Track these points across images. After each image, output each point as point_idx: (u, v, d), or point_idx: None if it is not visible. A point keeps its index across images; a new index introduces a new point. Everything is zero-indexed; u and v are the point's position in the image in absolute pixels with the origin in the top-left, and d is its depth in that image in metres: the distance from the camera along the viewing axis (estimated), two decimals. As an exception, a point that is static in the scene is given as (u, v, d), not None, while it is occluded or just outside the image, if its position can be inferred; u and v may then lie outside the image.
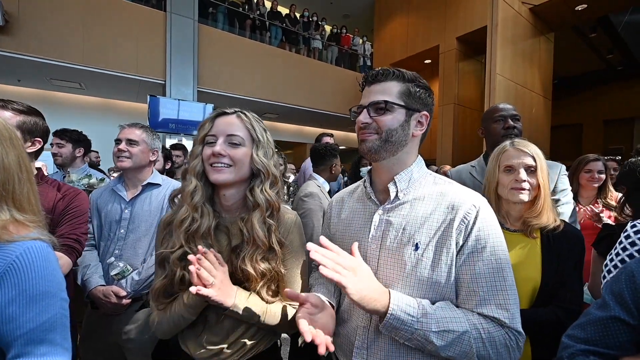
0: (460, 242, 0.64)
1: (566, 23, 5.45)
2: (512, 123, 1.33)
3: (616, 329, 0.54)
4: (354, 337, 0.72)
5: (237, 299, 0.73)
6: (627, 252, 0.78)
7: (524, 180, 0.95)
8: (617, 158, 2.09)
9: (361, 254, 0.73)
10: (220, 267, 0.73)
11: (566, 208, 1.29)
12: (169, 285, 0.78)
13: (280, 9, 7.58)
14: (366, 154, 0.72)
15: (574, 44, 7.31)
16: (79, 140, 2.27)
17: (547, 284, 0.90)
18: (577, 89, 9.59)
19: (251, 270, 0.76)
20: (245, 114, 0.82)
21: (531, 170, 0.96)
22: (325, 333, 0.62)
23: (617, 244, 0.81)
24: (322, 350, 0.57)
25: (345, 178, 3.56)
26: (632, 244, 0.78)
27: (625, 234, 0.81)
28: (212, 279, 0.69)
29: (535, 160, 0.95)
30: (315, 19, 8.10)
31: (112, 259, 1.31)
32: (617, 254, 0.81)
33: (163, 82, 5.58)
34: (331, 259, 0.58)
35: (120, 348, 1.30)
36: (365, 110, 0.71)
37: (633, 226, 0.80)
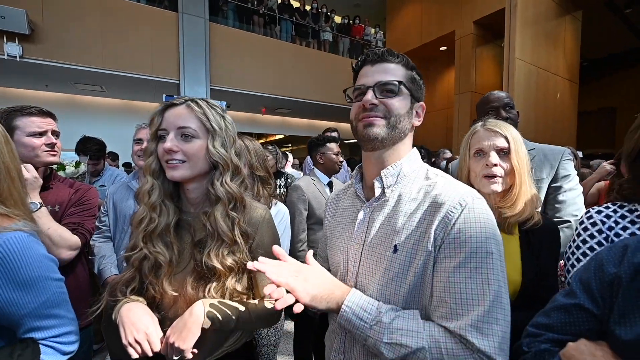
0: (438, 245, 0.57)
1: (596, -1, 5.06)
2: (504, 114, 1.27)
3: (579, 317, 0.52)
4: (334, 340, 0.70)
5: (207, 307, 0.70)
6: (581, 238, 0.75)
7: (495, 164, 0.83)
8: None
9: (345, 252, 0.71)
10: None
11: (569, 195, 1.19)
12: (133, 279, 0.77)
13: (290, 1, 7.55)
14: (371, 141, 0.63)
15: (606, 22, 6.74)
16: (100, 150, 2.66)
17: (527, 285, 0.81)
18: (609, 71, 8.89)
19: (218, 265, 0.72)
20: (196, 103, 0.74)
21: (504, 153, 0.84)
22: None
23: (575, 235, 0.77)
24: (280, 304, 0.55)
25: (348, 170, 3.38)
26: (585, 229, 0.74)
27: (581, 220, 0.77)
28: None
29: (508, 142, 0.84)
30: (324, 10, 7.98)
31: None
32: (575, 241, 0.78)
33: (177, 82, 5.75)
34: (276, 266, 0.57)
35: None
36: (370, 90, 0.63)
37: (587, 212, 0.76)
